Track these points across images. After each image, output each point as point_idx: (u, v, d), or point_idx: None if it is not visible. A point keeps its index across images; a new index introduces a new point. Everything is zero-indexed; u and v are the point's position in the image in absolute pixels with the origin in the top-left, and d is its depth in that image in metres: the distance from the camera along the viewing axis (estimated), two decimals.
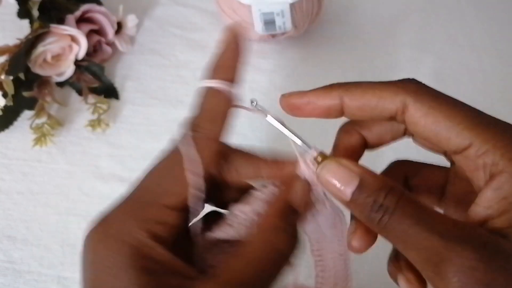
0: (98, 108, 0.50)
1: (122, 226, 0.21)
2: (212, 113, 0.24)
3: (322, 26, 0.58)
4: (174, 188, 0.22)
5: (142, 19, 0.59)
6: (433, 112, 0.22)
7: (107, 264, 0.20)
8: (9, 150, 0.48)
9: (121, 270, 0.20)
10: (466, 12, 0.60)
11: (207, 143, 0.24)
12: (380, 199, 0.21)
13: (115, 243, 0.20)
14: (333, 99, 0.25)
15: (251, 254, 0.22)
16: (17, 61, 0.47)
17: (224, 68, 0.26)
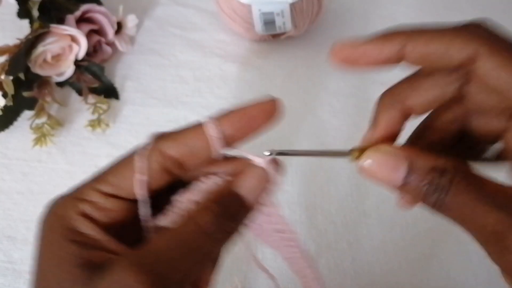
0: (98, 108, 0.50)
1: (61, 202, 0.24)
2: (183, 141, 0.23)
3: (322, 26, 0.58)
4: (111, 179, 0.23)
5: (142, 19, 0.59)
6: (508, 64, 0.21)
7: (47, 232, 0.23)
8: (9, 150, 0.48)
9: (54, 237, 0.23)
10: (466, 13, 0.60)
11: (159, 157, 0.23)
12: (435, 180, 0.21)
13: (53, 216, 0.23)
14: (393, 48, 0.23)
15: (173, 231, 0.22)
16: (17, 61, 0.47)
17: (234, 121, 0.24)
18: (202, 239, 0.22)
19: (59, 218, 0.23)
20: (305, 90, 0.53)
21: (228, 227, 0.23)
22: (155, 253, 0.21)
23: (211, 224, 0.22)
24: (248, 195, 0.23)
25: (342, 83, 0.54)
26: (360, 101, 0.52)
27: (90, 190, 0.23)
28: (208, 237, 0.22)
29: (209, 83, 0.53)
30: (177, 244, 0.22)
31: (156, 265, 0.21)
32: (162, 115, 0.51)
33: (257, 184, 0.24)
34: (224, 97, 0.52)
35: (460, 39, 0.22)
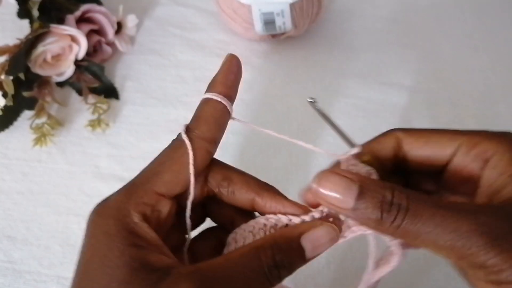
0: (98, 108, 0.50)
1: (119, 206, 0.23)
2: (206, 119, 0.26)
3: (322, 26, 0.58)
4: (169, 178, 0.24)
5: (142, 19, 0.59)
6: (423, 135, 0.27)
7: (102, 237, 0.23)
8: (9, 150, 0.48)
9: (113, 242, 0.22)
10: (466, 13, 0.60)
11: (200, 143, 0.25)
12: (389, 197, 0.21)
13: (111, 220, 0.23)
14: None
15: (234, 256, 0.23)
16: (17, 61, 0.47)
17: (222, 83, 0.27)
18: (256, 273, 0.22)
19: (118, 222, 0.23)
20: (305, 90, 0.53)
21: (281, 274, 0.23)
22: (217, 276, 0.22)
23: (272, 268, 0.23)
24: (311, 250, 0.24)
25: (342, 83, 0.54)
26: (360, 101, 0.52)
27: (149, 192, 0.24)
28: (261, 274, 0.23)
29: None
30: (239, 275, 0.22)
31: (214, 283, 0.21)
32: (162, 115, 0.51)
33: (324, 242, 0.24)
34: None
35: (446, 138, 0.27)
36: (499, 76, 0.55)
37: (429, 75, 0.55)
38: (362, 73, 0.55)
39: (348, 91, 0.53)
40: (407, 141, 0.27)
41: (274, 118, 0.51)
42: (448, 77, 0.55)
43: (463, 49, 0.57)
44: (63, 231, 0.43)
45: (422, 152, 0.26)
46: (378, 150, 0.27)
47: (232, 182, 0.26)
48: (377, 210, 0.22)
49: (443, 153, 0.26)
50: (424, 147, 0.26)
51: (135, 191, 0.24)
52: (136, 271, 0.21)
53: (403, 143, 0.27)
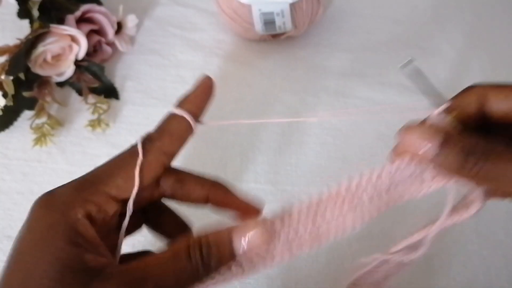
0: (98, 108, 0.50)
1: (66, 199, 0.24)
2: (169, 133, 0.27)
3: (322, 26, 0.58)
4: (119, 181, 0.25)
5: (142, 19, 0.59)
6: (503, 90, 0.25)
7: (43, 229, 0.23)
8: (9, 150, 0.48)
9: (53, 237, 0.22)
10: (466, 13, 0.60)
11: (158, 154, 0.26)
12: (472, 142, 0.22)
13: (55, 213, 0.23)
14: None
15: (164, 254, 0.23)
16: (17, 61, 0.47)
17: (192, 102, 0.28)
18: (187, 273, 0.23)
19: (63, 216, 0.23)
20: (305, 90, 0.53)
21: (209, 273, 0.24)
22: (147, 276, 0.22)
23: (199, 265, 0.23)
24: (243, 252, 0.24)
25: (342, 83, 0.54)
26: (360, 101, 0.52)
27: (99, 192, 0.24)
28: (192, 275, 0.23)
29: None
30: (168, 274, 0.23)
31: (142, 281, 0.22)
32: (162, 115, 0.51)
33: (257, 246, 0.24)
34: (224, 97, 0.52)
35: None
36: (499, 76, 0.55)
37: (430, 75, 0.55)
38: (362, 73, 0.55)
39: (348, 91, 0.53)
40: (490, 95, 0.25)
41: (273, 118, 0.51)
42: (448, 77, 0.55)
43: (463, 49, 0.57)
44: None
45: (505, 105, 0.25)
46: (462, 107, 0.27)
47: (185, 183, 0.28)
48: (460, 155, 0.22)
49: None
50: (508, 98, 0.25)
51: (85, 188, 0.24)
52: (69, 270, 0.22)
53: (486, 97, 0.26)
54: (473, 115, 0.26)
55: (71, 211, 0.23)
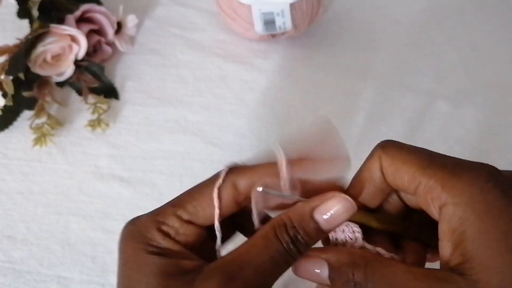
0: (98, 108, 0.50)
1: (142, 224, 0.26)
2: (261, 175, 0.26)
3: (322, 26, 0.58)
4: (189, 207, 0.26)
5: (142, 19, 0.59)
6: (395, 161, 0.25)
7: (132, 252, 0.25)
8: (9, 150, 0.48)
9: (142, 256, 0.24)
10: (466, 13, 0.60)
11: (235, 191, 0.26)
12: (350, 276, 0.23)
13: (135, 234, 0.25)
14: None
15: (255, 243, 0.24)
16: (17, 61, 0.47)
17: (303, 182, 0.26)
18: (281, 254, 0.24)
19: (139, 234, 0.25)
20: (305, 90, 0.53)
21: (301, 249, 0.24)
22: (245, 265, 0.23)
23: (289, 243, 0.24)
24: (326, 223, 0.25)
25: (342, 83, 0.54)
26: (360, 101, 0.52)
27: (169, 214, 0.26)
28: (283, 253, 0.24)
29: (209, 83, 0.53)
30: (264, 258, 0.23)
31: (247, 277, 0.23)
32: (162, 115, 0.51)
33: (339, 214, 0.25)
34: (224, 97, 0.53)
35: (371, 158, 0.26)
36: (499, 76, 0.55)
37: (429, 75, 0.55)
38: (362, 73, 0.55)
39: (348, 91, 0.53)
40: (385, 165, 0.25)
41: (274, 118, 0.51)
42: (447, 78, 0.55)
43: (463, 49, 0.57)
44: (63, 231, 0.43)
45: (398, 181, 0.25)
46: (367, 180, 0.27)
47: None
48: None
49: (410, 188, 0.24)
50: (399, 172, 0.25)
51: (159, 211, 0.26)
52: (170, 275, 0.23)
53: (383, 168, 0.25)
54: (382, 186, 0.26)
55: (146, 229, 0.25)
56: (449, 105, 0.52)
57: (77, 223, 0.44)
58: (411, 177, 0.24)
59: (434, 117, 0.51)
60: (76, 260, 0.42)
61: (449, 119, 0.51)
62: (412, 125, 0.51)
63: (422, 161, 0.24)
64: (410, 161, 0.24)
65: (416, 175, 0.23)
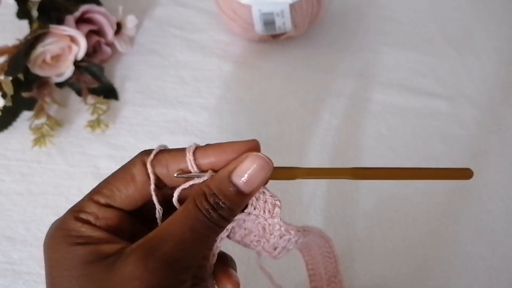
0: (97, 108, 0.50)
1: (60, 220, 0.25)
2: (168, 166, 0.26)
3: (322, 26, 0.58)
4: (105, 191, 0.26)
5: (142, 19, 0.59)
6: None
7: (52, 247, 0.24)
8: (9, 151, 0.48)
9: (61, 249, 0.24)
10: (466, 13, 0.61)
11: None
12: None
13: (55, 232, 0.25)
14: None
15: (175, 217, 0.24)
16: (16, 61, 0.47)
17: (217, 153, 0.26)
18: (198, 220, 0.24)
19: (60, 230, 0.24)
20: (305, 90, 0.53)
21: (223, 214, 0.24)
22: (166, 240, 0.23)
23: (209, 210, 0.24)
24: (245, 185, 0.24)
25: (342, 83, 0.54)
26: (359, 101, 0.52)
27: (86, 202, 0.25)
28: (203, 220, 0.24)
29: (209, 84, 0.53)
30: (184, 231, 0.23)
31: (169, 252, 0.23)
32: (161, 116, 0.51)
33: (255, 173, 0.24)
34: (223, 97, 0.52)
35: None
36: (499, 76, 0.55)
37: (429, 75, 0.55)
38: (362, 73, 0.55)
39: (348, 91, 0.53)
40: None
41: (273, 118, 0.51)
42: (447, 78, 0.55)
43: (462, 49, 0.57)
44: None
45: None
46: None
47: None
48: None
49: None
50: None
51: (77, 204, 0.26)
52: (91, 262, 0.23)
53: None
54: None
55: (65, 224, 0.25)
56: (449, 105, 0.52)
57: None
58: None
59: (434, 117, 0.51)
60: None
61: (449, 119, 0.51)
62: (412, 125, 0.51)
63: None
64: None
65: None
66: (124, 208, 0.26)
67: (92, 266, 0.23)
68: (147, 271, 0.22)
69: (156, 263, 0.22)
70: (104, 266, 0.23)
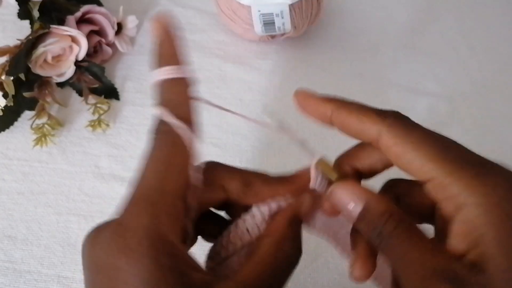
0: (98, 108, 0.50)
1: (138, 224, 0.20)
2: (176, 102, 0.25)
3: (322, 27, 0.58)
4: (179, 178, 0.22)
5: (142, 20, 0.59)
6: (403, 143, 0.23)
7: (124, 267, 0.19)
8: (10, 150, 0.49)
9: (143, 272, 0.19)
10: (464, 14, 0.61)
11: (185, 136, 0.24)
12: (380, 225, 0.22)
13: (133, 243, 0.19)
14: (325, 111, 0.26)
15: (265, 258, 0.23)
16: (17, 61, 0.47)
17: (167, 55, 0.26)
18: (289, 268, 0.23)
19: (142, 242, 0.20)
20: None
21: (300, 254, 0.24)
22: (253, 278, 0.22)
23: (294, 254, 0.24)
24: (306, 216, 0.26)
25: (341, 84, 0.54)
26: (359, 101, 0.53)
27: (176, 204, 0.22)
28: (292, 266, 0.24)
29: (209, 84, 0.54)
30: (271, 273, 0.23)
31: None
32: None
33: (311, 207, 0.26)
34: (224, 97, 0.53)
35: (370, 118, 0.24)
36: (498, 76, 0.55)
37: (428, 75, 0.55)
38: (361, 74, 0.55)
39: (348, 91, 0.53)
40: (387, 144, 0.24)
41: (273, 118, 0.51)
42: (447, 78, 0.55)
43: (461, 49, 0.57)
44: (64, 231, 0.44)
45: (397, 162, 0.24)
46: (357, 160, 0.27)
47: (252, 185, 0.26)
48: (370, 233, 0.23)
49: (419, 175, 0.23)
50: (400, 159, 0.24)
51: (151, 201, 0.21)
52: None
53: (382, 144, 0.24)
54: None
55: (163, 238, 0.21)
56: (449, 105, 0.52)
57: (78, 223, 0.44)
58: (422, 167, 0.22)
59: (434, 117, 0.51)
60: (76, 260, 0.42)
61: (448, 119, 0.51)
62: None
63: (437, 150, 0.22)
64: (423, 149, 0.22)
65: (430, 167, 0.22)
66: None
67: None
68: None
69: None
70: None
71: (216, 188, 0.25)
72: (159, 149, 0.23)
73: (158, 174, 0.22)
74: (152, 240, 0.19)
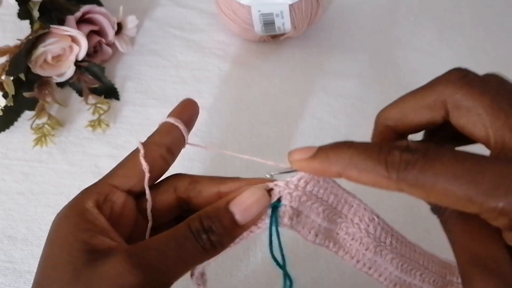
0: (98, 108, 0.50)
1: (77, 196, 0.27)
2: (161, 133, 0.29)
3: (321, 27, 0.58)
4: (119, 172, 0.27)
5: (142, 20, 0.59)
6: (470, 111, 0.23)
7: (60, 225, 0.26)
8: (10, 150, 0.49)
9: (65, 227, 0.25)
10: (464, 14, 0.61)
11: (153, 147, 0.28)
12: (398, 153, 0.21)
13: (68, 209, 0.26)
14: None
15: (167, 232, 0.25)
16: (17, 61, 0.47)
17: (181, 112, 0.30)
18: (186, 238, 0.24)
19: (73, 209, 0.26)
20: (304, 90, 0.53)
21: (212, 238, 0.25)
22: (149, 248, 0.24)
23: (200, 231, 0.24)
24: (240, 214, 0.25)
25: (341, 84, 0.54)
26: (358, 101, 0.53)
27: (103, 184, 0.27)
28: (191, 239, 0.24)
29: (209, 84, 0.54)
30: (170, 244, 0.24)
31: (149, 259, 0.23)
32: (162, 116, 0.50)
33: (251, 204, 0.25)
34: (223, 97, 0.53)
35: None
36: None
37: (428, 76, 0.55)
38: (361, 74, 0.55)
39: (347, 91, 0.53)
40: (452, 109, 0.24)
41: (273, 118, 0.51)
42: None
43: (461, 50, 0.57)
44: None
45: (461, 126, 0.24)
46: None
47: (198, 182, 0.28)
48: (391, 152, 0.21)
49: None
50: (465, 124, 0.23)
51: (94, 184, 0.27)
52: (77, 252, 0.24)
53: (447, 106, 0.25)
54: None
55: (80, 203, 0.26)
56: None
57: None
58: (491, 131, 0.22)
59: None
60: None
61: None
62: None
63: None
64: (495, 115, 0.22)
65: (505, 132, 0.21)
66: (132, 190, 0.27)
67: (77, 255, 0.24)
68: (123, 273, 0.23)
69: (134, 268, 0.23)
70: (86, 260, 0.23)
71: (168, 188, 0.28)
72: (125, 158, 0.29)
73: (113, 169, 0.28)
74: (71, 207, 0.26)
